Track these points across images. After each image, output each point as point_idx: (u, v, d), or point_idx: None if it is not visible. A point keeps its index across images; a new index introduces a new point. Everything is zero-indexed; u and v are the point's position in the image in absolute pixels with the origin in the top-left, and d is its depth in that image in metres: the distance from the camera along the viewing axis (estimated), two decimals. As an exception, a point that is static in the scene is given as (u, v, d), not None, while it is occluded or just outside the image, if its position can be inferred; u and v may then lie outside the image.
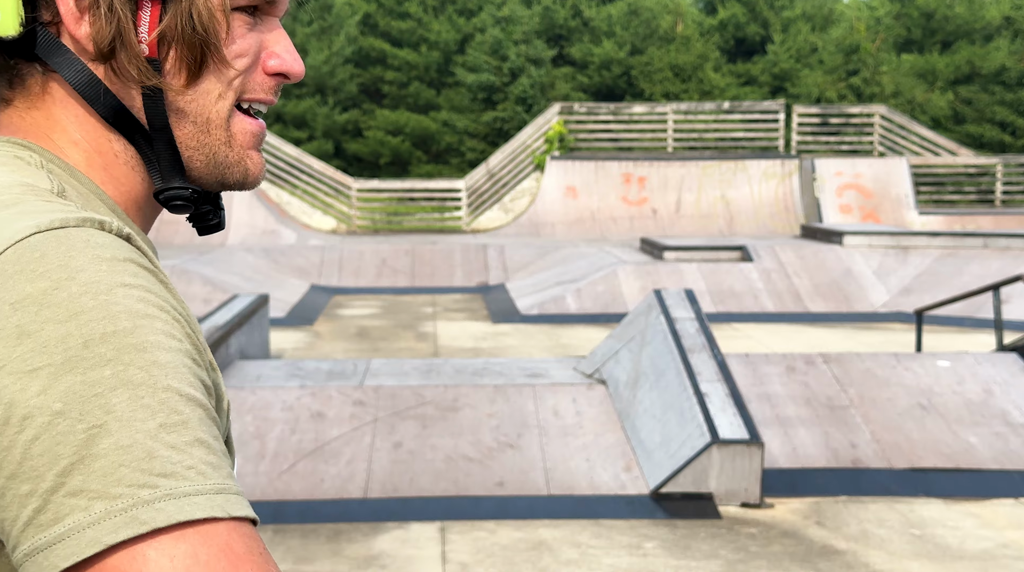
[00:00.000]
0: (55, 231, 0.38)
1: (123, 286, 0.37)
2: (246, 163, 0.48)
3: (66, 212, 0.39)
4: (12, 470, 0.35)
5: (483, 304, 8.07)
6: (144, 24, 0.44)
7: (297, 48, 10.90)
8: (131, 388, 0.35)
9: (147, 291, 0.38)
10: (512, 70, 15.88)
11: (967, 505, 3.34)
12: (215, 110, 0.46)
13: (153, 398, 0.36)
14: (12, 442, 0.35)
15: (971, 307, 6.89)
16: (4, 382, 0.35)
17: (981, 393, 3.97)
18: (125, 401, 0.35)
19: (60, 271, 0.37)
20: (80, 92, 0.45)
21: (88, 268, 0.37)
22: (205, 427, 0.37)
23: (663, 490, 3.30)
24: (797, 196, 11.63)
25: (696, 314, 4.08)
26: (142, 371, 0.36)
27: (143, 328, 0.37)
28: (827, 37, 16.67)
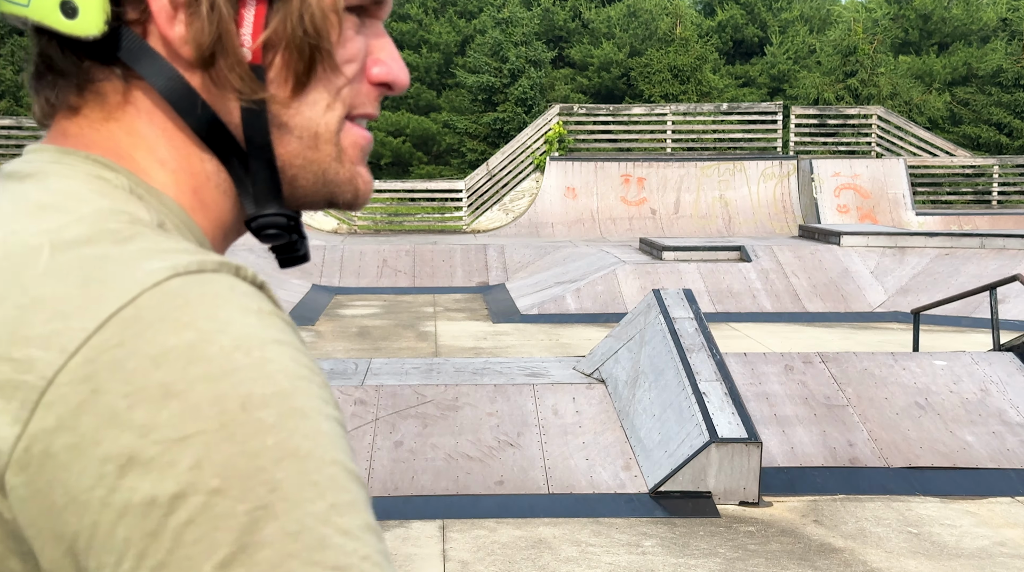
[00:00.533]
0: (195, 275, 0.33)
1: (276, 343, 0.32)
2: (357, 181, 0.42)
3: (197, 254, 0.34)
4: (160, 559, 0.29)
5: (483, 304, 8.08)
6: (247, 26, 0.38)
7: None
8: (298, 461, 0.30)
9: (298, 350, 0.33)
10: (512, 71, 15.90)
11: (964, 503, 3.36)
12: (323, 122, 0.40)
13: (321, 474, 0.30)
14: (160, 526, 0.29)
15: (968, 307, 6.91)
16: (149, 453, 0.30)
17: (978, 392, 4.00)
18: (292, 477, 0.30)
19: (208, 322, 0.31)
20: (172, 103, 0.38)
21: (238, 320, 0.32)
22: (371, 509, 0.32)
23: (662, 489, 3.32)
24: (795, 196, 11.66)
25: (695, 314, 4.11)
26: (308, 440, 0.31)
27: (303, 391, 0.31)
28: (825, 39, 16.70)
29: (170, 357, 0.31)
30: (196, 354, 0.31)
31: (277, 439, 0.30)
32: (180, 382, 0.31)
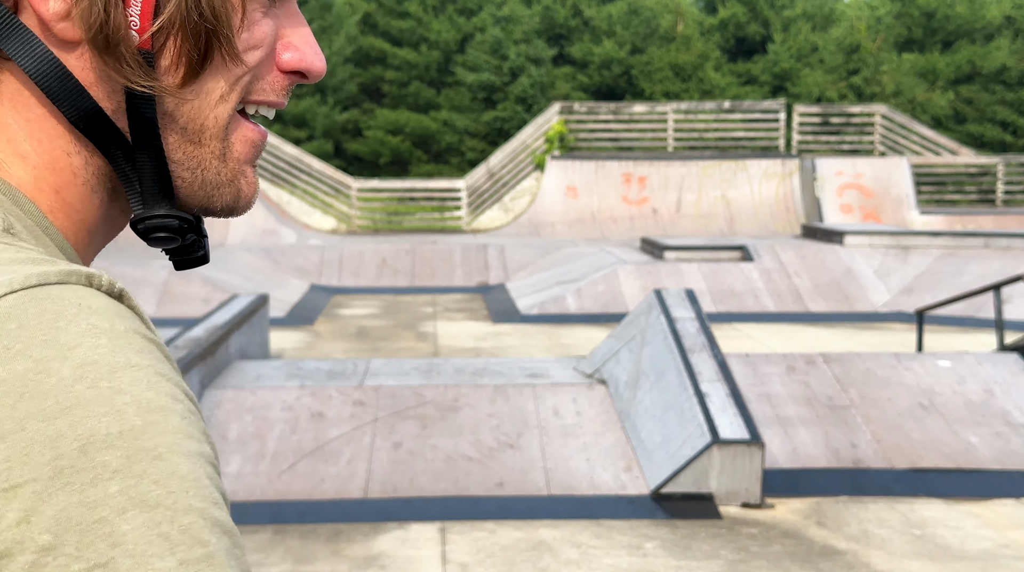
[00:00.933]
0: (34, 290, 0.29)
1: (129, 368, 0.28)
2: (239, 182, 0.39)
3: (40, 265, 0.30)
4: None
5: (483, 304, 8.06)
6: (136, 5, 0.34)
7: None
8: (145, 510, 0.27)
9: (157, 373, 0.29)
10: (512, 70, 15.88)
11: (968, 505, 3.33)
12: (213, 115, 0.37)
13: (172, 525, 0.27)
14: None
15: (972, 307, 6.88)
16: None
17: (982, 393, 3.97)
18: (138, 529, 0.26)
19: (45, 348, 0.28)
20: (44, 88, 0.34)
21: (83, 344, 0.28)
22: (233, 562, 0.28)
23: (663, 490, 3.30)
24: (798, 196, 11.62)
25: (696, 314, 4.08)
26: (158, 486, 0.27)
27: (157, 426, 0.28)
28: (828, 36, 16.66)
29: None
30: (29, 388, 0.27)
31: (122, 486, 0.27)
32: (8, 421, 0.26)
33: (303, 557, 2.86)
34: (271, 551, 2.89)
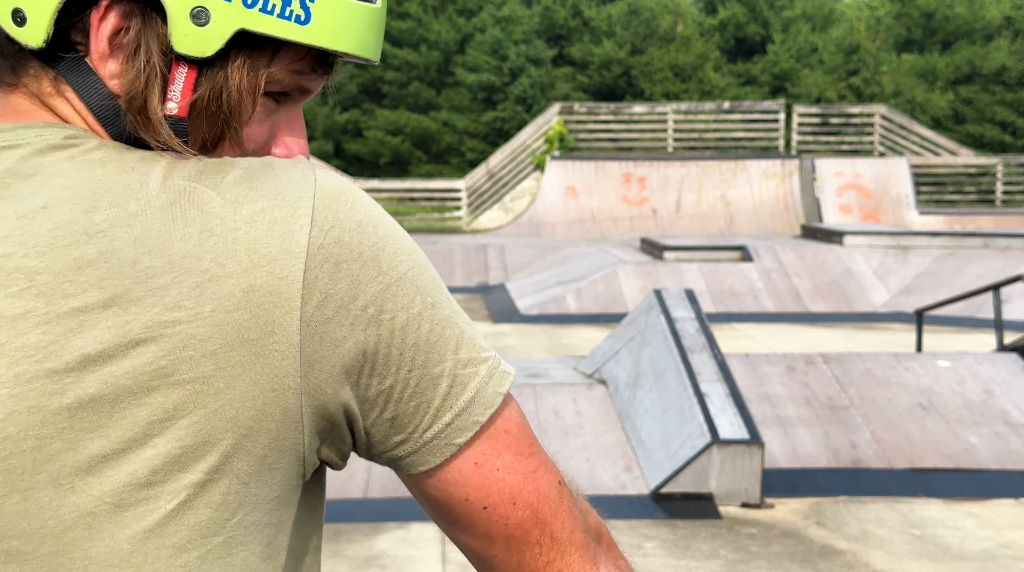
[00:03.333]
0: None
1: None
2: None
3: None
4: (424, 359, 0.44)
5: (483, 304, 8.07)
6: (178, 83, 0.45)
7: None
8: (441, 281, 0.47)
9: None
10: (512, 70, 15.88)
11: (967, 505, 3.34)
12: None
13: (445, 290, 0.47)
14: (417, 337, 0.44)
15: (971, 307, 6.88)
16: (391, 292, 0.44)
17: (981, 393, 3.97)
18: (445, 289, 0.46)
19: (366, 198, 0.46)
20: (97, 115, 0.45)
21: (362, 192, 0.46)
22: None
23: (663, 490, 3.30)
24: (797, 196, 11.63)
25: (696, 314, 4.08)
26: (434, 269, 0.46)
27: None
28: (827, 37, 16.67)
29: (368, 221, 0.47)
30: (379, 219, 0.47)
31: (434, 271, 0.46)
32: (382, 241, 0.46)
33: (303, 557, 2.86)
34: (271, 551, 2.88)
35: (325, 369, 0.42)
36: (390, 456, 0.46)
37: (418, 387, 0.44)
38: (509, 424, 0.47)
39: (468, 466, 0.46)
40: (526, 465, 0.47)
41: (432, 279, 0.46)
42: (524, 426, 0.48)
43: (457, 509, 0.46)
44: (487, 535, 0.47)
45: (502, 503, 0.46)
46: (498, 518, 0.46)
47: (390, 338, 0.43)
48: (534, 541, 0.47)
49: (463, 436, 0.45)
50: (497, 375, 0.46)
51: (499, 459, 0.46)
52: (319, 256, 0.42)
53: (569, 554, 0.48)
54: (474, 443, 0.46)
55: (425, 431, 0.45)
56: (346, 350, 0.43)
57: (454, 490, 0.46)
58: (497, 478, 0.46)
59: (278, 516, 0.44)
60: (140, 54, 0.43)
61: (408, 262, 0.45)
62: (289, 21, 0.45)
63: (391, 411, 0.44)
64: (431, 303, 0.45)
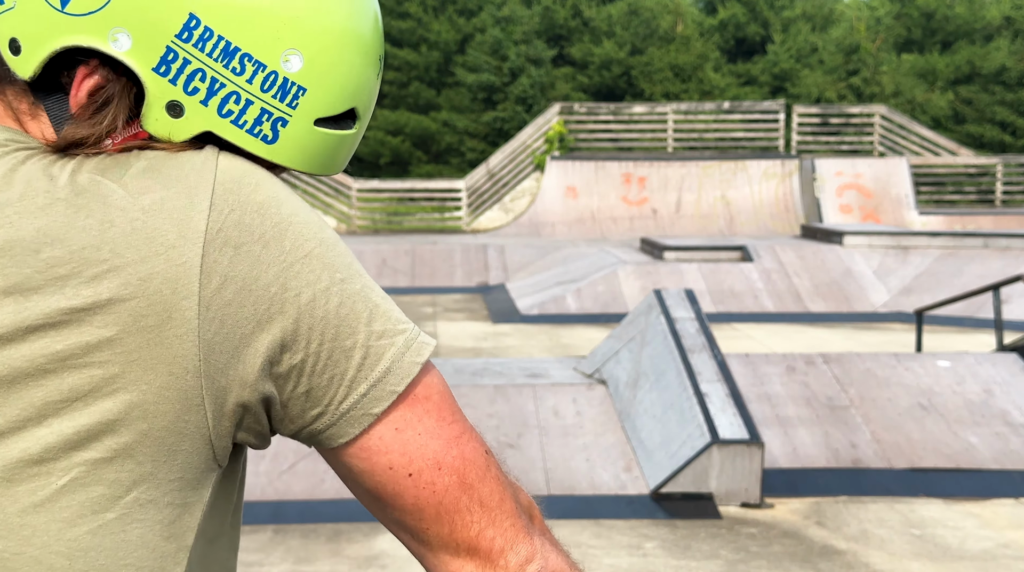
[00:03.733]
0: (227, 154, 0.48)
1: None
2: None
3: None
4: (334, 333, 0.45)
5: (483, 304, 8.07)
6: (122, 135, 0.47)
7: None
8: (354, 258, 0.47)
9: None
10: (512, 70, 15.88)
11: (967, 505, 3.34)
12: None
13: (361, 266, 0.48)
14: (326, 312, 0.45)
15: (971, 307, 6.88)
16: (295, 270, 0.44)
17: (981, 393, 3.97)
18: (359, 266, 0.47)
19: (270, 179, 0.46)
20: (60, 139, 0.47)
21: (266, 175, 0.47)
22: None
23: (663, 490, 3.30)
24: (797, 196, 11.63)
25: (696, 314, 4.08)
26: (345, 245, 0.47)
27: None
28: (827, 37, 16.67)
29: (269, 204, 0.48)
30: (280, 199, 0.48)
31: (344, 247, 0.47)
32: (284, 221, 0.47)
33: (303, 557, 2.87)
34: (271, 551, 2.89)
35: (228, 350, 0.43)
36: (310, 431, 0.47)
37: (330, 360, 0.45)
38: (430, 391, 0.47)
39: (389, 432, 0.46)
40: (449, 431, 0.47)
41: (342, 256, 0.46)
42: (445, 394, 0.48)
43: (383, 479, 0.46)
44: (416, 505, 0.47)
45: (427, 468, 0.46)
46: (425, 484, 0.46)
47: (296, 314, 0.44)
48: (464, 508, 0.47)
49: (380, 405, 0.46)
50: (415, 346, 0.47)
51: (420, 424, 0.47)
52: (218, 240, 0.43)
53: (500, 522, 0.48)
54: (394, 410, 0.46)
55: (341, 402, 0.46)
56: (250, 330, 0.44)
57: (378, 458, 0.46)
58: (420, 443, 0.46)
59: (183, 497, 0.44)
60: (108, 114, 0.46)
61: (314, 241, 0.45)
62: (256, 138, 0.47)
63: (305, 385, 0.45)
64: (340, 279, 0.45)
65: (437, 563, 0.48)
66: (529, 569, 0.48)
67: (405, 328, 0.47)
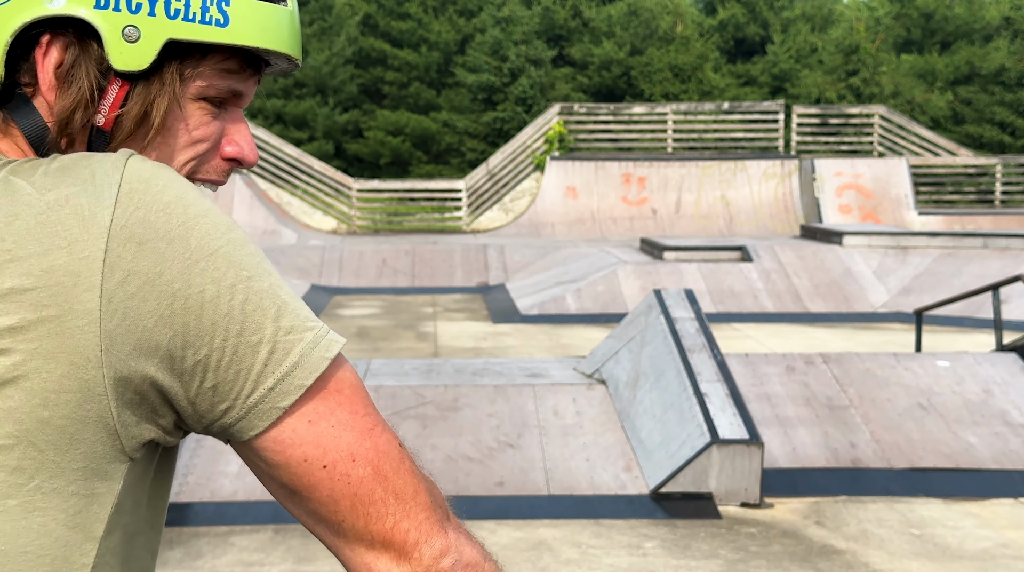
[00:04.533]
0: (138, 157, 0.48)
1: None
2: None
3: None
4: (239, 328, 0.46)
5: (483, 304, 8.07)
6: (109, 99, 0.49)
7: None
8: (264, 257, 0.48)
9: None
10: (512, 70, 15.88)
11: (967, 505, 3.34)
12: None
13: (272, 266, 0.49)
14: (230, 308, 0.46)
15: (971, 307, 6.89)
16: (200, 267, 0.45)
17: (981, 393, 3.98)
18: (269, 266, 0.48)
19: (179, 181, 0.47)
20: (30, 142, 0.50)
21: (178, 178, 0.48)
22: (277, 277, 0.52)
23: (663, 490, 3.31)
24: (797, 196, 11.63)
25: (696, 314, 4.09)
26: (256, 246, 0.48)
27: None
28: (827, 37, 16.67)
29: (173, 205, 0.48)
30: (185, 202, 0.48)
31: (254, 248, 0.48)
32: (190, 221, 0.47)
33: (304, 556, 2.87)
34: (272, 550, 2.90)
35: (130, 343, 0.44)
36: (221, 425, 0.47)
37: (235, 355, 0.46)
38: (341, 385, 0.48)
39: (303, 425, 0.47)
40: (363, 423, 0.48)
41: (251, 255, 0.47)
42: (358, 388, 0.49)
43: (298, 471, 0.47)
44: (331, 497, 0.47)
45: (341, 460, 0.47)
46: (340, 476, 0.47)
47: (199, 310, 0.45)
48: (379, 500, 0.48)
49: (288, 399, 0.47)
50: (324, 342, 0.48)
51: (333, 416, 0.47)
52: (121, 236, 0.44)
53: (415, 515, 0.48)
54: (306, 403, 0.47)
55: (248, 396, 0.46)
56: (152, 324, 0.44)
57: (293, 451, 0.47)
58: (333, 435, 0.47)
59: (89, 487, 0.45)
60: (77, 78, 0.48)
61: (222, 239, 0.46)
62: (210, 26, 0.49)
63: (211, 380, 0.46)
64: (247, 276, 0.46)
65: (352, 555, 0.48)
66: (444, 562, 0.48)
67: (314, 325, 0.48)
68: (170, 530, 3.00)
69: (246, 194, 11.11)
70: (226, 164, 0.54)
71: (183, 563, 2.76)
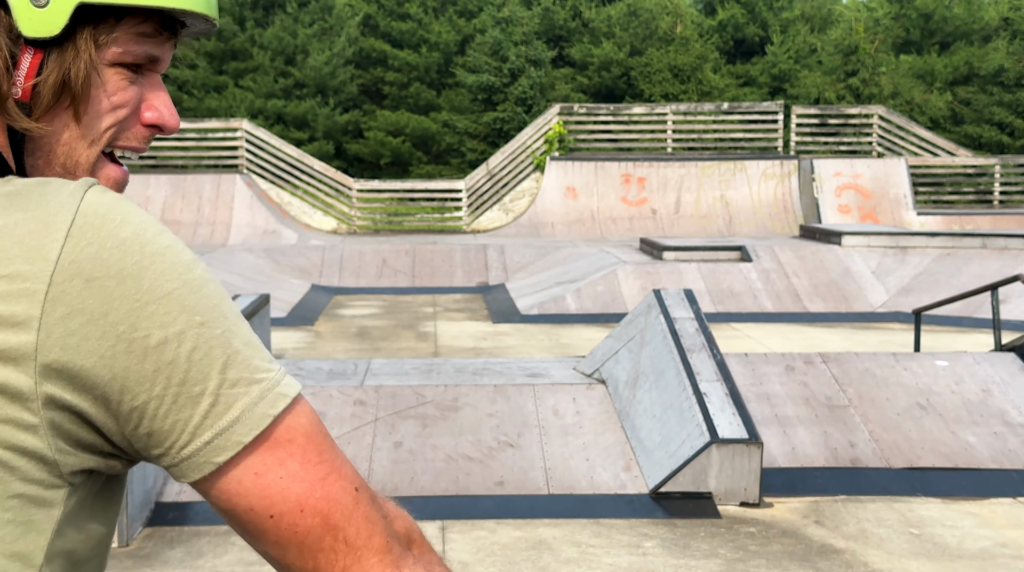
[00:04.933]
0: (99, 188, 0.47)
1: None
2: None
3: None
4: (182, 378, 0.45)
5: (483, 304, 8.08)
6: (23, 69, 0.47)
7: (298, 50, 10.83)
8: (224, 299, 0.47)
9: None
10: (512, 71, 15.89)
11: (965, 504, 3.35)
12: (84, 156, 0.49)
13: (235, 306, 0.48)
14: (176, 356, 0.44)
15: (969, 307, 6.90)
16: (149, 310, 0.44)
17: (979, 393, 3.99)
18: (228, 308, 0.47)
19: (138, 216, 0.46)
20: None
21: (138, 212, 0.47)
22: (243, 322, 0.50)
23: (663, 489, 3.31)
24: (796, 196, 11.65)
25: (695, 314, 4.10)
26: (221, 288, 0.48)
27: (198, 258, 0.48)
28: (826, 38, 16.69)
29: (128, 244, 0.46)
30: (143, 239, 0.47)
31: (213, 289, 0.47)
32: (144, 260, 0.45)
33: (305, 556, 2.87)
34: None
35: (66, 378, 0.43)
36: (156, 464, 0.47)
37: (175, 404, 0.44)
38: (293, 434, 0.47)
39: (248, 477, 0.46)
40: (314, 473, 0.47)
41: (207, 299, 0.45)
42: (313, 435, 0.48)
43: (244, 518, 0.47)
44: (278, 543, 0.47)
45: (289, 511, 0.46)
46: (287, 526, 0.47)
47: (143, 355, 0.43)
48: (328, 547, 0.47)
49: (223, 455, 0.45)
50: (270, 397, 0.46)
51: (282, 468, 0.46)
52: (69, 271, 0.43)
53: (366, 559, 0.48)
54: (249, 456, 0.46)
55: (182, 448, 0.45)
56: (92, 364, 0.43)
57: (237, 500, 0.46)
58: (281, 487, 0.46)
59: (26, 515, 0.44)
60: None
61: (177, 282, 0.45)
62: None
63: (146, 427, 0.45)
64: (199, 322, 0.45)
65: None
66: None
67: (263, 377, 0.46)
68: (171, 529, 3.01)
69: (247, 194, 11.12)
70: (147, 130, 0.52)
71: (184, 562, 2.77)
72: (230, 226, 10.75)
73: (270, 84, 15.92)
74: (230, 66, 16.26)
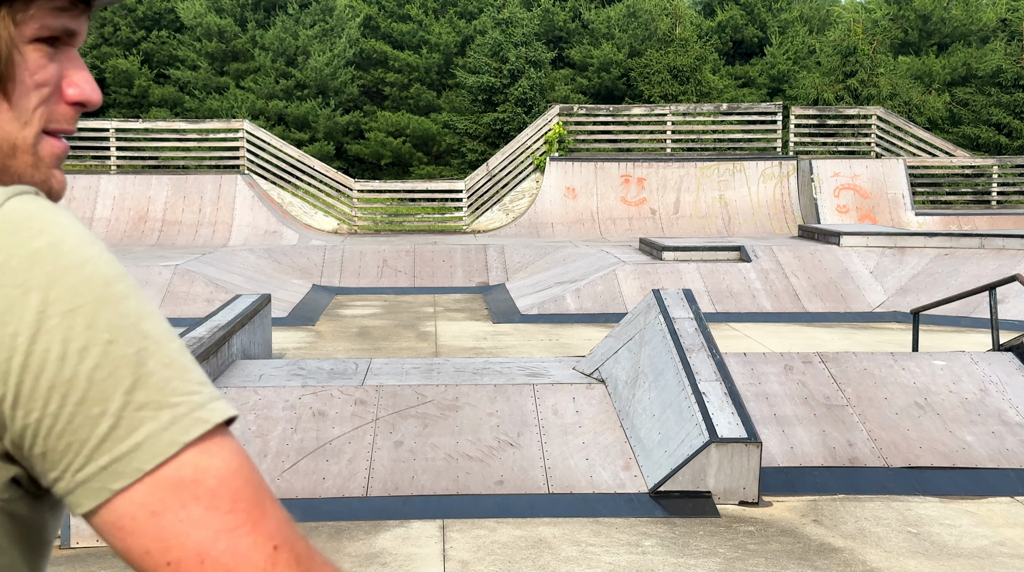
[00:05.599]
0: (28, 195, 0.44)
1: None
2: (50, 182, 0.50)
3: None
4: (80, 397, 0.42)
5: (483, 304, 8.10)
6: None
7: (299, 50, 10.75)
8: (147, 318, 0.44)
9: None
10: (512, 72, 15.90)
11: (963, 503, 3.37)
12: (21, 136, 0.49)
13: (164, 324, 0.45)
14: (75, 373, 0.42)
15: (967, 307, 6.92)
16: (52, 323, 0.42)
17: (977, 392, 4.00)
18: (151, 327, 0.44)
19: (61, 227, 0.43)
20: None
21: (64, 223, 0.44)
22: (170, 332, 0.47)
23: (662, 488, 3.33)
24: (795, 197, 11.67)
25: (694, 314, 4.11)
26: (148, 302, 0.45)
27: (127, 274, 0.45)
28: (824, 39, 16.71)
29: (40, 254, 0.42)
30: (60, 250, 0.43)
31: (136, 303, 0.44)
32: (56, 271, 0.42)
33: (306, 554, 2.89)
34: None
35: None
36: (55, 491, 0.44)
37: (70, 425, 0.42)
38: (204, 475, 0.43)
39: (144, 515, 0.42)
40: (223, 522, 0.42)
41: (122, 316, 0.43)
42: (226, 479, 0.43)
43: (140, 563, 0.43)
44: None
45: (187, 559, 0.42)
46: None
47: (39, 370, 0.41)
48: None
49: (120, 481, 0.42)
50: (184, 422, 0.43)
51: (183, 510, 0.42)
52: None
53: None
54: (148, 491, 0.42)
55: (77, 472, 0.42)
56: None
57: (133, 540, 0.43)
58: (179, 531, 0.42)
59: None
60: None
61: (90, 296, 0.42)
62: None
63: (40, 446, 0.42)
64: (107, 340, 0.42)
65: None
66: None
67: (179, 402, 0.43)
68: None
69: (248, 194, 11.13)
70: (71, 109, 0.50)
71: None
72: (231, 226, 10.76)
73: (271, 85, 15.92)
74: (231, 67, 16.27)
